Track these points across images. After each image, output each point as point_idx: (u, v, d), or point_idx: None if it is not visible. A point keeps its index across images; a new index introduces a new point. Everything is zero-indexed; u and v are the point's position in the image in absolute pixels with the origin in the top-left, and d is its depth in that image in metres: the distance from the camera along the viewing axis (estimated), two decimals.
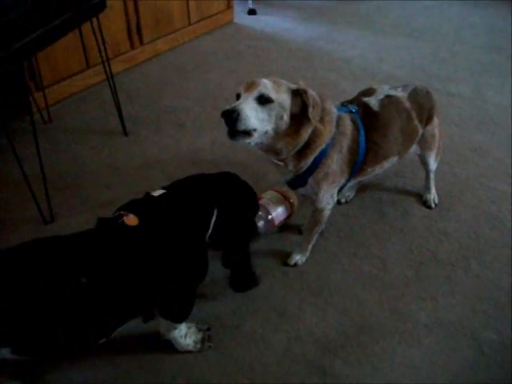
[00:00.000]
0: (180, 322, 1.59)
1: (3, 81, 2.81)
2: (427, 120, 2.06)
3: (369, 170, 1.94)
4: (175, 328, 1.62)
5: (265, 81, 1.65)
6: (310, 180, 1.81)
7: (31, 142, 2.11)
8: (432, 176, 2.30)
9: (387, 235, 2.17)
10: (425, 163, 2.24)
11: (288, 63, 3.64)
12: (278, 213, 2.13)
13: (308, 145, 1.73)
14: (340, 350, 1.72)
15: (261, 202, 2.10)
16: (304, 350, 1.72)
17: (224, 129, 1.57)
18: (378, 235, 2.17)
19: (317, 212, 1.93)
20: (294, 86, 1.67)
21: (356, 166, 1.86)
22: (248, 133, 1.59)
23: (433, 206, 2.30)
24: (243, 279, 1.83)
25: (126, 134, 2.82)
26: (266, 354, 1.70)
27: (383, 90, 1.98)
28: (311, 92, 1.68)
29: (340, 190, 1.95)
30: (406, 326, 1.80)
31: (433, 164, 2.23)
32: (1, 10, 1.91)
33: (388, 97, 1.95)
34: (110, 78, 2.64)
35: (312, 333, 1.77)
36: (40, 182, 2.16)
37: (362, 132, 1.83)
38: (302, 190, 1.89)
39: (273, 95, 1.61)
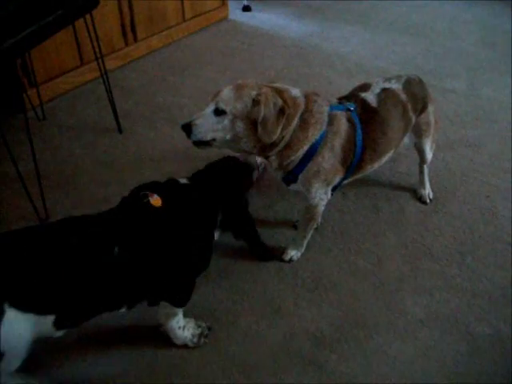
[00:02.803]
0: (180, 305, 1.63)
1: None
2: (422, 109, 2.08)
3: (368, 167, 1.95)
4: (175, 315, 1.63)
5: (224, 92, 1.72)
6: (301, 177, 1.82)
7: (25, 140, 2.11)
8: (426, 171, 2.31)
9: (382, 231, 2.17)
10: (421, 151, 2.23)
11: (283, 60, 3.64)
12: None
13: (289, 145, 1.75)
14: (335, 345, 1.72)
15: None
16: (299, 345, 1.72)
17: None
18: (372, 231, 2.17)
19: (310, 208, 1.93)
20: (253, 94, 1.68)
21: (353, 164, 1.86)
22: (207, 142, 1.74)
23: (428, 201, 2.31)
24: (261, 248, 2.00)
25: (120, 130, 2.81)
26: (262, 349, 1.70)
27: (378, 84, 1.99)
28: (271, 101, 1.67)
29: (336, 187, 1.96)
30: (400, 320, 1.80)
31: (428, 152, 2.23)
32: None
33: (384, 90, 1.96)
34: (104, 74, 2.63)
35: (307, 328, 1.77)
36: (34, 180, 2.15)
37: (360, 131, 1.83)
38: (294, 187, 1.90)
39: (227, 107, 1.68)
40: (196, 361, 1.67)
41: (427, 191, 2.32)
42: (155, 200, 1.54)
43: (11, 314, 1.30)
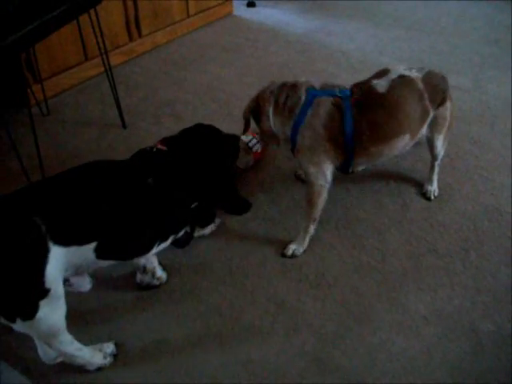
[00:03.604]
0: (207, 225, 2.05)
1: (0, 73, 2.80)
2: (441, 102, 2.09)
3: (372, 149, 2.01)
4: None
5: None
6: (295, 152, 2.06)
7: (30, 135, 2.11)
8: (437, 168, 2.30)
9: (386, 227, 2.17)
10: (432, 146, 2.22)
11: (287, 56, 3.63)
12: (253, 142, 2.46)
13: (279, 127, 2.09)
14: (338, 341, 1.72)
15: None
16: (302, 341, 1.72)
17: (221, 120, 1.58)
18: (376, 227, 2.17)
19: (308, 187, 2.05)
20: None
21: (347, 145, 1.97)
22: None
23: (432, 197, 2.30)
24: (236, 205, 2.19)
25: (124, 126, 2.82)
26: (265, 345, 1.71)
27: (397, 70, 2.05)
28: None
29: (347, 171, 2.13)
30: (404, 317, 1.80)
31: (440, 148, 2.22)
32: None
33: (401, 77, 2.02)
34: (109, 70, 2.63)
35: (310, 324, 1.77)
36: (38, 175, 2.16)
37: (349, 114, 1.95)
38: (297, 163, 2.18)
39: None
40: (199, 356, 1.67)
41: (433, 188, 2.32)
42: (162, 147, 1.83)
43: (56, 250, 1.37)
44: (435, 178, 2.32)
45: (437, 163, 2.29)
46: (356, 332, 1.75)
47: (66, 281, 1.54)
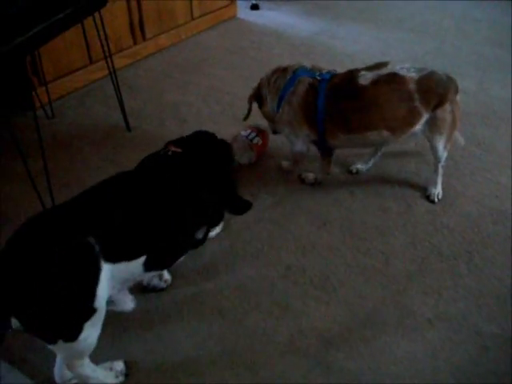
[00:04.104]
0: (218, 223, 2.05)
1: (6, 76, 2.81)
2: (438, 104, 2.10)
3: (341, 135, 2.17)
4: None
5: None
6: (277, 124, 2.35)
7: (34, 138, 2.11)
8: (440, 171, 2.29)
9: (390, 230, 2.17)
10: (433, 149, 2.23)
11: (291, 58, 3.62)
12: (252, 135, 2.53)
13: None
14: (343, 344, 1.72)
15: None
16: (307, 344, 1.72)
17: (225, 123, 1.59)
18: (380, 230, 2.17)
19: (291, 150, 2.39)
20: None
21: (318, 124, 2.16)
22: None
23: (436, 200, 2.29)
24: (238, 204, 2.14)
25: (129, 129, 2.82)
26: (269, 348, 1.70)
27: (392, 67, 2.12)
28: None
29: (323, 149, 2.31)
30: (408, 320, 1.80)
31: (441, 151, 2.22)
32: (2, 5, 1.90)
33: (391, 74, 2.08)
34: (113, 73, 2.63)
35: (315, 327, 1.77)
36: (43, 178, 2.16)
37: (322, 95, 2.13)
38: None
39: None
40: (203, 359, 1.67)
41: (437, 191, 2.31)
42: (175, 149, 1.83)
43: (106, 268, 1.37)
44: (439, 180, 2.32)
45: (440, 165, 2.28)
46: (360, 335, 1.75)
47: (109, 302, 1.52)
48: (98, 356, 1.55)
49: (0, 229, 2.04)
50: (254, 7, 4.54)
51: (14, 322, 1.28)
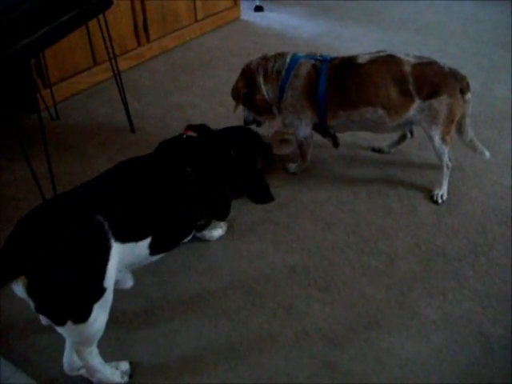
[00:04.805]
0: (223, 218, 2.07)
1: (11, 78, 2.82)
2: (431, 93, 2.13)
3: (341, 112, 2.24)
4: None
5: None
6: (281, 110, 2.37)
7: (39, 139, 2.12)
8: (446, 171, 2.28)
9: (394, 231, 2.17)
10: (430, 140, 2.24)
11: None
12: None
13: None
14: (347, 345, 1.71)
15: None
16: (311, 345, 1.71)
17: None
18: (385, 231, 2.17)
19: (295, 139, 2.44)
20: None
21: (320, 106, 2.23)
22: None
23: (440, 201, 2.29)
24: (262, 193, 2.32)
25: (133, 130, 2.83)
26: (274, 349, 1.70)
27: (393, 51, 2.23)
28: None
29: (323, 130, 2.43)
30: (413, 321, 1.79)
31: (438, 143, 2.21)
32: (7, 7, 1.91)
33: (389, 55, 2.20)
34: (117, 75, 2.64)
35: (319, 328, 1.77)
36: (48, 179, 2.17)
37: (324, 76, 2.20)
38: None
39: None
40: (208, 359, 1.67)
41: (441, 192, 2.30)
42: (191, 134, 1.92)
43: (116, 248, 1.40)
44: (445, 181, 2.31)
45: (444, 164, 2.27)
46: (365, 336, 1.74)
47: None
48: (103, 356, 1.55)
49: (4, 230, 2.04)
50: (258, 9, 4.54)
51: (21, 291, 1.28)
